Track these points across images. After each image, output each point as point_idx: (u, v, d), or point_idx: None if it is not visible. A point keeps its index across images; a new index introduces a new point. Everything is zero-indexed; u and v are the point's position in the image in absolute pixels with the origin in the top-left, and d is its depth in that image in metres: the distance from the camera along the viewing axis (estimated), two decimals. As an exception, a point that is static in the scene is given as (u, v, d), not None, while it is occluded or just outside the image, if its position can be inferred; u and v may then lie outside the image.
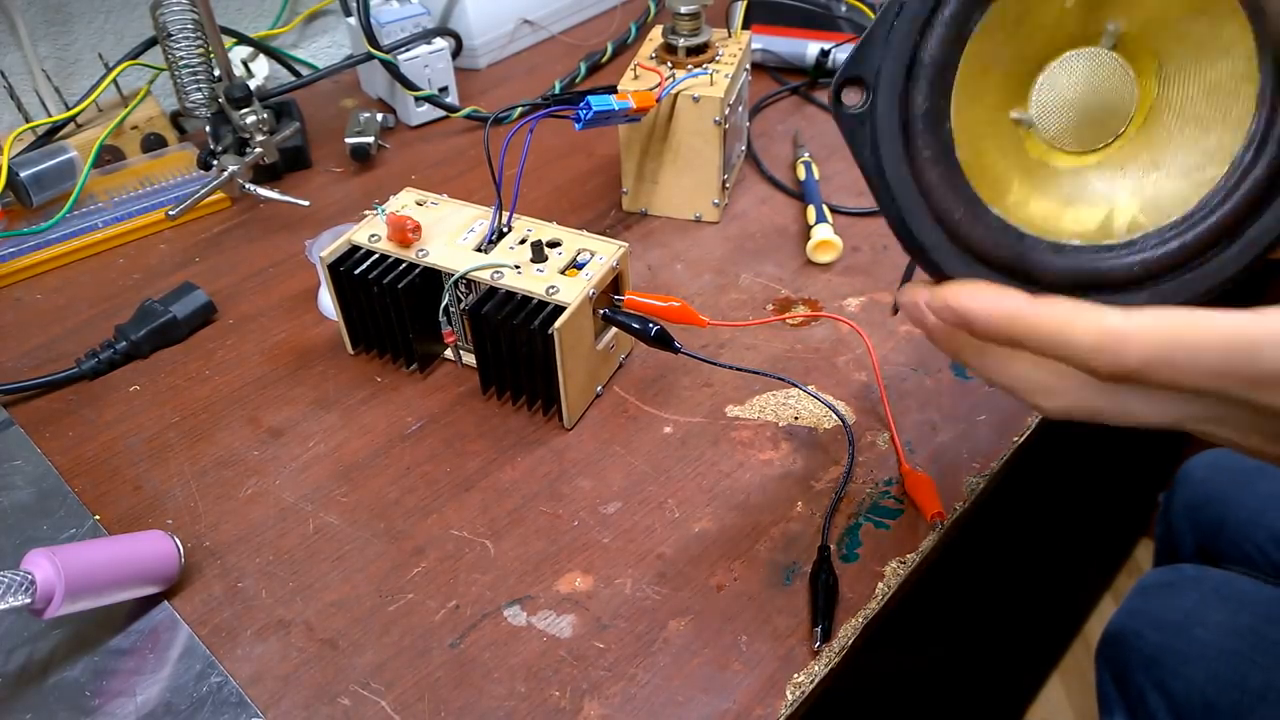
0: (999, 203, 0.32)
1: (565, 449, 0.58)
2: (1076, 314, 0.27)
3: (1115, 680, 0.73)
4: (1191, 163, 0.30)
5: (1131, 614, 0.73)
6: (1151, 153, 0.31)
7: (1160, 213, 0.31)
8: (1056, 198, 0.32)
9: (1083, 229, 0.32)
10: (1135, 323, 0.26)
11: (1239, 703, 0.64)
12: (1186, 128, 0.31)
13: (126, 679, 0.47)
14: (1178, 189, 0.31)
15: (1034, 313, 0.28)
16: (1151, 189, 0.31)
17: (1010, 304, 0.29)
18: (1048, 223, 0.32)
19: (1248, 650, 0.66)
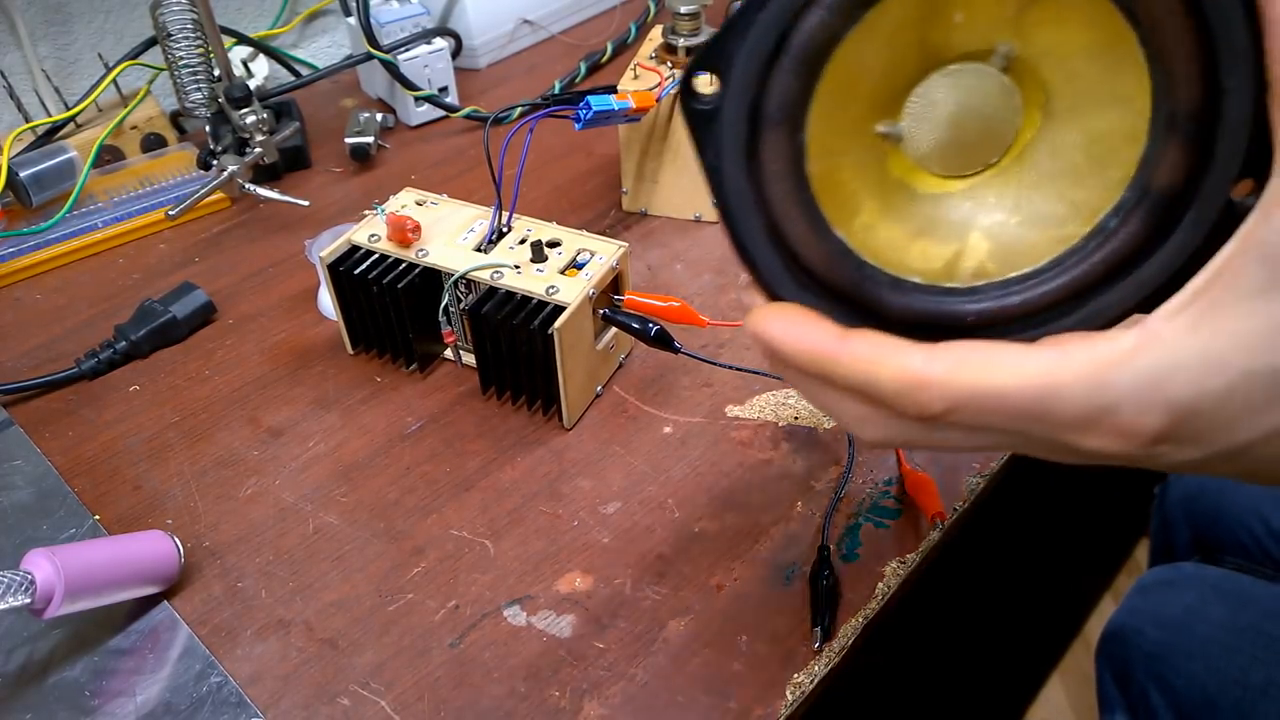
0: (845, 225, 0.29)
1: (565, 449, 0.58)
2: (881, 356, 0.26)
3: (1116, 678, 0.73)
4: (1055, 214, 0.28)
5: (1132, 612, 0.73)
6: (1018, 193, 0.29)
7: (1009, 262, 0.28)
8: (908, 226, 0.29)
9: (927, 266, 0.29)
10: (938, 368, 0.25)
11: (1241, 699, 0.64)
12: (1060, 175, 0.28)
13: (126, 679, 0.47)
14: (1034, 240, 0.28)
15: (839, 351, 0.27)
16: (1008, 234, 0.29)
17: (816, 341, 0.27)
18: (893, 253, 0.29)
19: (1249, 646, 0.66)
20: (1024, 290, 0.28)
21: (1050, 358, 0.25)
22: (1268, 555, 0.76)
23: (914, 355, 0.26)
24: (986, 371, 0.25)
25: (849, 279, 0.28)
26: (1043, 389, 0.24)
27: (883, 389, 0.26)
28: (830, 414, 0.30)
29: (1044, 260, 0.28)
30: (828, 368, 0.27)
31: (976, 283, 0.28)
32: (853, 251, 0.29)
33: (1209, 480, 0.82)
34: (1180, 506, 0.84)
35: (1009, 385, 0.25)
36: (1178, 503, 0.84)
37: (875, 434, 0.29)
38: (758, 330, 0.29)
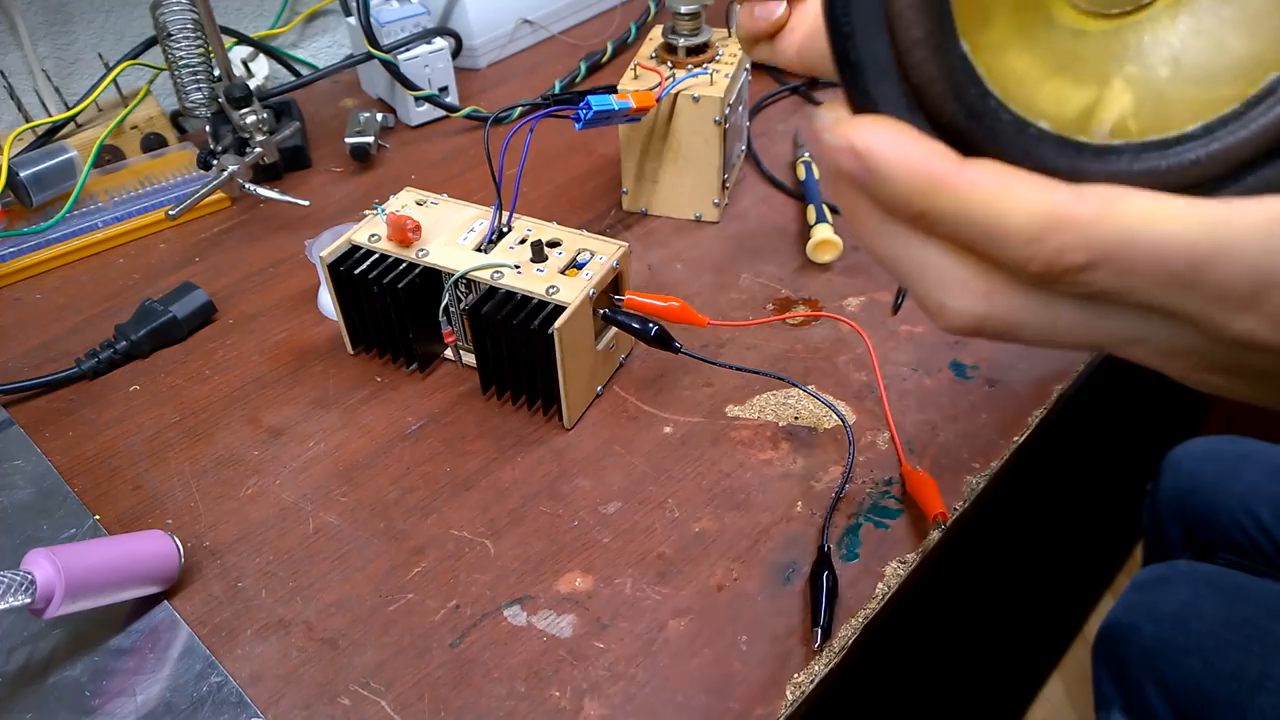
0: (973, 37, 0.24)
1: (565, 449, 0.58)
2: (1014, 187, 0.21)
3: (1113, 675, 0.73)
4: (1215, 68, 0.23)
5: (1127, 609, 0.74)
6: (1172, 40, 0.24)
7: (1155, 120, 0.24)
8: (1045, 57, 0.24)
9: (1059, 112, 0.24)
10: (1089, 206, 0.20)
11: (1237, 692, 0.64)
12: (1226, 22, 0.23)
13: (126, 679, 0.47)
14: (1187, 97, 0.23)
15: (963, 179, 0.21)
16: (1156, 86, 0.24)
17: (934, 163, 0.21)
18: (1021, 87, 0.24)
19: (1244, 640, 0.66)
20: (1169, 156, 0.23)
21: (1219, 210, 0.20)
22: (1259, 550, 0.76)
23: (1058, 189, 0.21)
24: (1145, 217, 0.20)
25: (967, 106, 0.23)
26: (1211, 245, 0.20)
27: (1010, 227, 0.21)
28: (913, 277, 0.24)
29: (1196, 123, 0.23)
30: (941, 198, 0.21)
31: (1114, 141, 0.24)
32: (977, 73, 0.24)
33: (1199, 479, 0.82)
34: (1171, 504, 0.84)
35: (1172, 235, 0.20)
36: (1169, 501, 0.84)
37: (968, 304, 0.23)
38: (853, 138, 0.22)
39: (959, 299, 0.23)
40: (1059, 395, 0.60)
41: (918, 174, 0.22)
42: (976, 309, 0.23)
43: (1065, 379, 0.61)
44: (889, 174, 0.22)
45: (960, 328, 0.24)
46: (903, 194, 0.22)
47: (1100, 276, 0.21)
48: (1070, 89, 0.24)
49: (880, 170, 0.22)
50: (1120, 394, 1.31)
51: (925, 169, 0.21)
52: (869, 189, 0.22)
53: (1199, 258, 0.20)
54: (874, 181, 0.22)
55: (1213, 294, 0.20)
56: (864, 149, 0.22)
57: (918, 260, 0.23)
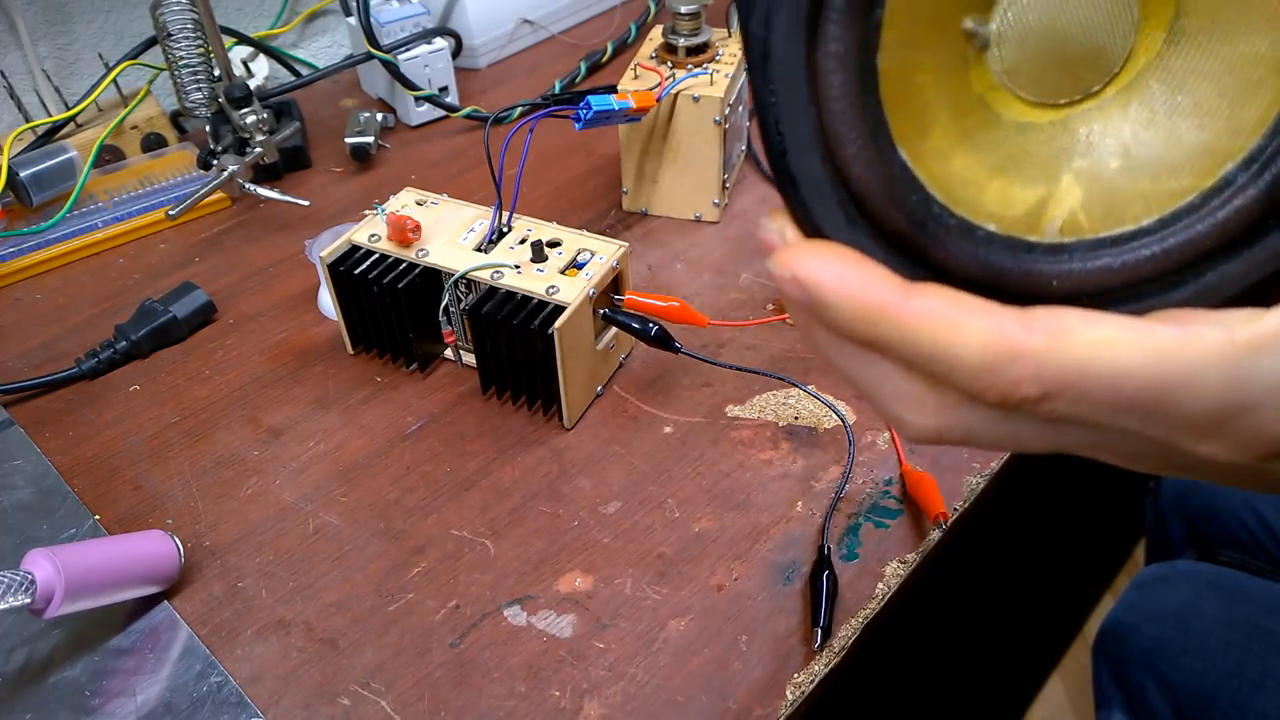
0: (912, 145, 0.23)
1: (565, 449, 0.58)
2: (963, 318, 0.20)
3: (1113, 674, 0.73)
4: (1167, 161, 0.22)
5: (1128, 608, 0.74)
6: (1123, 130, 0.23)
7: (1107, 216, 0.23)
8: (987, 158, 0.23)
9: (1005, 212, 0.23)
10: (1038, 337, 0.20)
11: (1238, 691, 0.64)
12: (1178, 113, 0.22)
13: (126, 679, 0.47)
14: (1138, 191, 0.23)
15: (904, 308, 0.21)
16: (1107, 180, 0.23)
17: (877, 294, 0.21)
18: (965, 191, 0.23)
19: (1244, 640, 0.66)
20: (1123, 253, 0.22)
21: (1176, 336, 0.19)
22: (1261, 548, 0.76)
23: (1006, 319, 0.20)
24: (1100, 346, 0.19)
25: (910, 217, 0.22)
26: (1167, 378, 0.19)
27: (961, 360, 0.20)
28: (870, 392, 0.24)
29: (1149, 218, 0.22)
30: (886, 328, 0.21)
31: (1065, 239, 0.23)
32: (918, 180, 0.23)
33: None
34: (1174, 502, 0.84)
35: (1127, 368, 0.19)
36: (1171, 498, 0.84)
37: (928, 421, 0.23)
38: (795, 269, 0.22)
39: (914, 414, 0.23)
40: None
41: (861, 305, 0.21)
42: (931, 423, 0.23)
43: (1065, 379, 0.61)
44: (833, 305, 0.22)
45: (918, 439, 0.24)
46: (847, 323, 0.22)
47: (1057, 406, 0.20)
48: (1018, 188, 0.23)
49: (824, 301, 0.22)
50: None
51: (868, 300, 0.21)
52: (816, 316, 0.22)
53: (1156, 391, 0.19)
54: (819, 311, 0.22)
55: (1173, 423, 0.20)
56: (807, 279, 0.22)
57: (872, 378, 0.23)
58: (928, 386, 0.22)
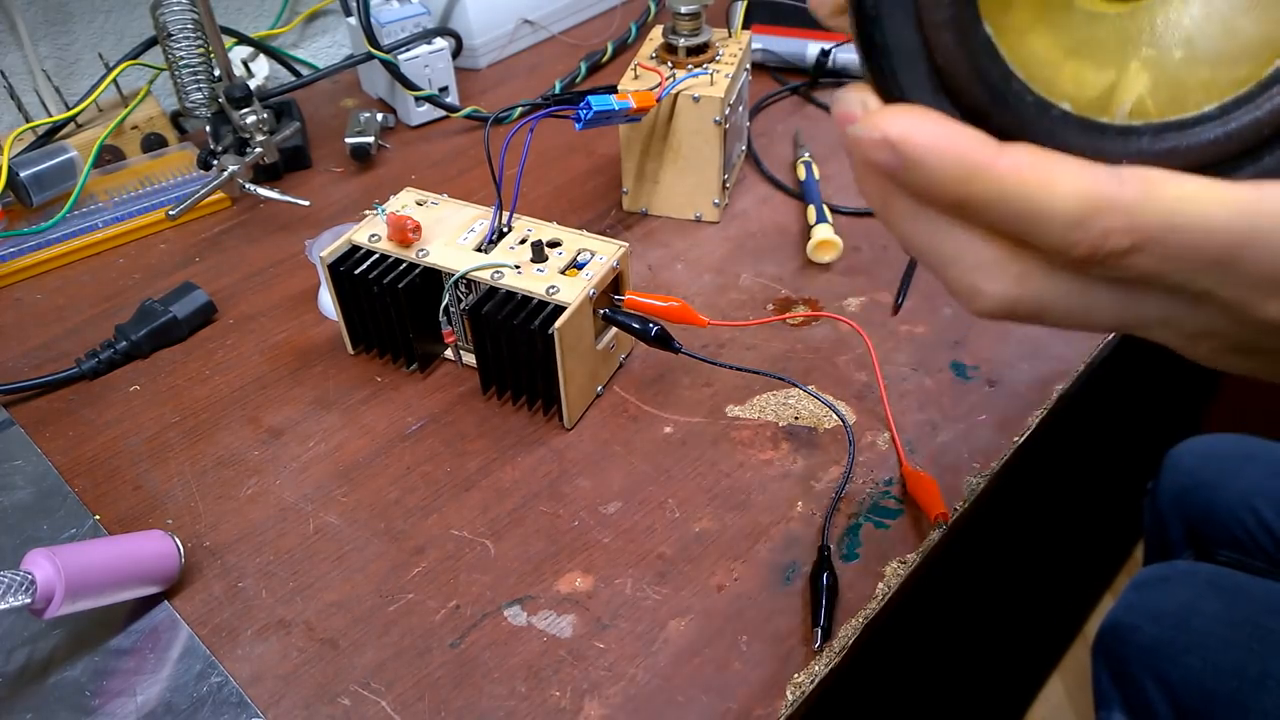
0: (997, 20, 0.24)
1: (565, 449, 0.58)
2: (1055, 170, 0.21)
3: (1113, 674, 0.73)
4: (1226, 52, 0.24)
5: (1128, 608, 0.74)
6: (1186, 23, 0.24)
7: (1171, 102, 0.24)
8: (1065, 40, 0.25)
9: (1079, 93, 0.24)
10: (1132, 189, 0.20)
11: (1238, 690, 0.64)
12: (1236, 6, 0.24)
13: (126, 679, 0.47)
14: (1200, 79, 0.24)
15: (1003, 163, 0.21)
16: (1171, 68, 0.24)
17: (972, 150, 0.21)
18: (1043, 69, 0.24)
19: (1245, 639, 0.66)
20: (1187, 136, 0.23)
21: (1256, 192, 0.20)
22: (1260, 547, 0.77)
23: (1098, 171, 0.20)
24: (1187, 199, 0.20)
25: (991, 91, 0.23)
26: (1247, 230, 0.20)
27: (1055, 211, 0.20)
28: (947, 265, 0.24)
29: (1211, 104, 0.23)
30: (981, 184, 0.21)
31: (1134, 122, 0.24)
32: (1000, 55, 0.24)
33: (1201, 475, 0.82)
34: (1173, 502, 0.84)
35: (1212, 219, 0.20)
36: (1170, 498, 0.84)
37: (1002, 288, 0.23)
38: (886, 128, 0.22)
39: (994, 283, 0.23)
40: (1059, 395, 0.60)
41: (956, 161, 0.21)
42: (1010, 292, 0.23)
43: (1065, 379, 0.61)
44: (927, 163, 0.21)
45: (992, 311, 0.24)
46: (941, 182, 0.21)
47: (1142, 260, 0.20)
48: (1090, 71, 0.24)
49: (918, 160, 0.21)
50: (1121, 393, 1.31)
51: (964, 156, 0.21)
52: (904, 179, 0.22)
53: (1236, 242, 0.20)
54: (911, 172, 0.22)
55: (1246, 278, 0.20)
56: (900, 139, 0.22)
57: (951, 246, 0.23)
58: (1011, 252, 0.22)
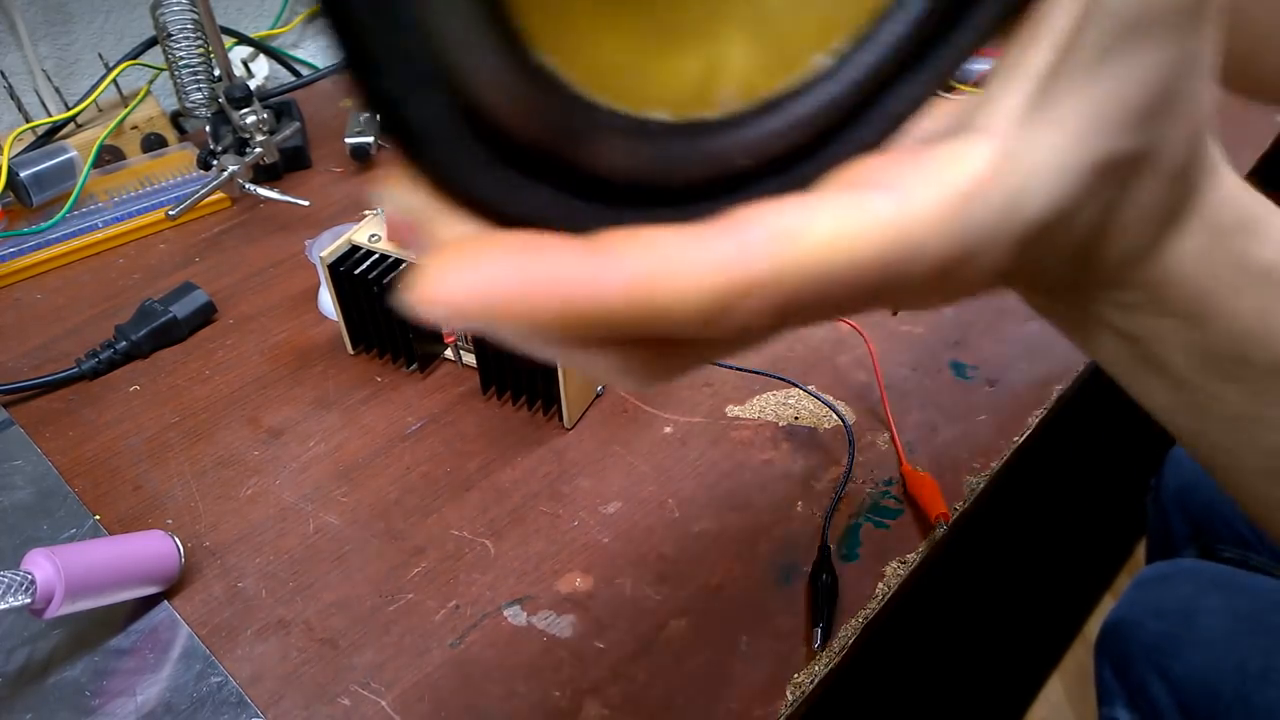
0: (552, 40, 0.17)
1: (565, 449, 0.58)
2: (671, 266, 0.16)
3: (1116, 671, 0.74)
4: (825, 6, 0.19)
5: (1131, 605, 0.74)
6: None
7: (780, 67, 0.19)
8: (641, 33, 0.18)
9: (675, 92, 0.18)
10: (763, 263, 0.16)
11: (1242, 685, 0.64)
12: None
13: (126, 679, 0.47)
14: (808, 27, 0.19)
15: (607, 287, 0.16)
16: (772, 23, 0.19)
17: (562, 282, 0.16)
18: (626, 80, 0.18)
19: (1248, 635, 0.66)
20: (805, 103, 0.18)
21: (896, 209, 0.17)
22: (1264, 544, 0.77)
23: (717, 246, 0.16)
24: (827, 249, 0.17)
25: (567, 134, 0.17)
26: (898, 253, 0.17)
27: (686, 316, 0.16)
28: (603, 378, 0.20)
29: (824, 55, 0.19)
30: (588, 315, 0.16)
31: (744, 105, 0.19)
32: (567, 84, 0.17)
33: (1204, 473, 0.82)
34: (1175, 499, 0.84)
35: (861, 260, 0.17)
36: (1173, 494, 0.85)
37: (671, 375, 0.20)
38: (442, 296, 0.16)
39: (655, 375, 0.19)
40: (1059, 395, 0.60)
41: (550, 306, 0.16)
42: (674, 374, 0.20)
43: (1065, 379, 0.61)
44: (517, 318, 0.16)
45: (674, 380, 0.21)
46: (546, 327, 0.16)
47: (796, 319, 0.18)
48: (681, 58, 0.19)
49: (504, 318, 0.16)
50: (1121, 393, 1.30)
51: (554, 294, 0.16)
52: (500, 332, 0.17)
53: (886, 273, 0.17)
54: (505, 327, 0.17)
55: (906, 288, 0.18)
56: (471, 304, 0.16)
57: (598, 365, 0.19)
58: (652, 348, 0.19)
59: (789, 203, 0.17)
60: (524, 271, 0.16)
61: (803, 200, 0.17)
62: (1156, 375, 0.24)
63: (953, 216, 0.17)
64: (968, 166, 0.17)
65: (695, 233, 0.16)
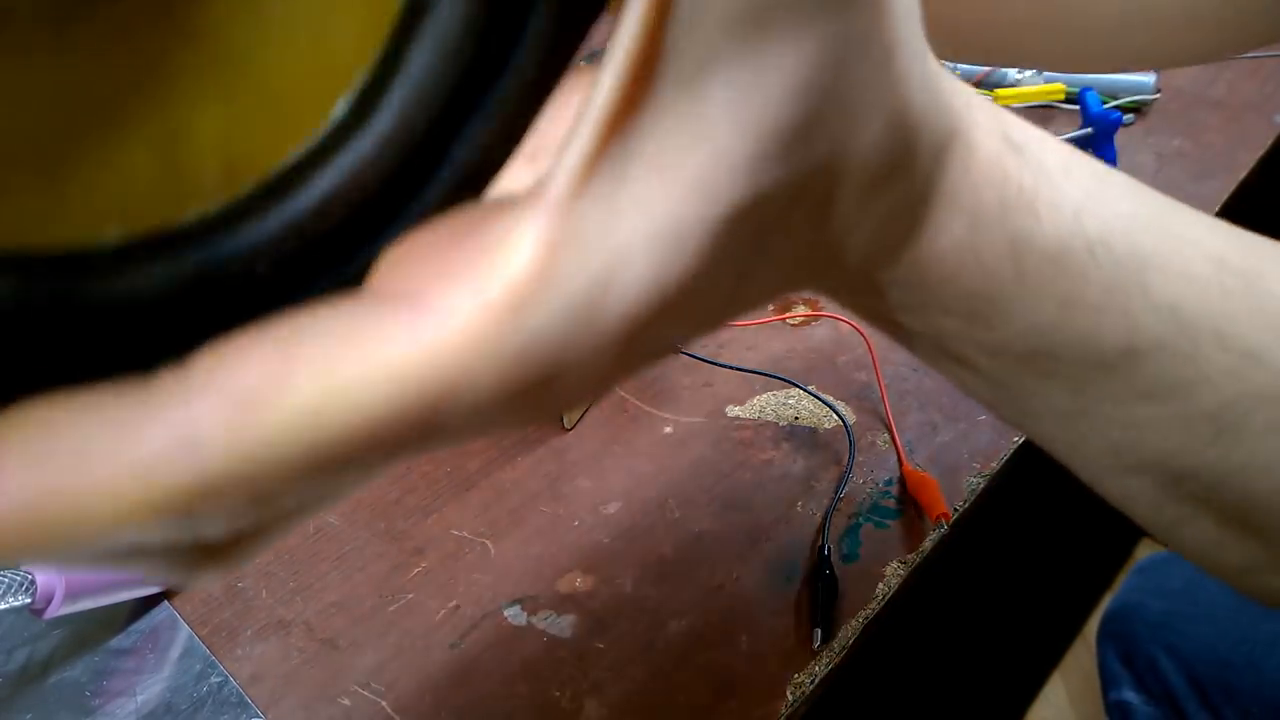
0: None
1: (565, 449, 0.58)
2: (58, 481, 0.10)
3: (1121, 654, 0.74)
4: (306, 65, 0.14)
5: (1133, 589, 0.75)
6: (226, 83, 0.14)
7: (280, 130, 0.14)
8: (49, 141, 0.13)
9: (131, 199, 0.13)
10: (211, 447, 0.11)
11: (1251, 653, 0.64)
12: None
13: (127, 679, 0.47)
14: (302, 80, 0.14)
15: None
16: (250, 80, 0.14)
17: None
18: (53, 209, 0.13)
19: (1254, 606, 0.67)
20: (338, 170, 0.13)
21: (410, 332, 0.11)
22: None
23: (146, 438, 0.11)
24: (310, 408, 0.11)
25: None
26: (430, 394, 0.12)
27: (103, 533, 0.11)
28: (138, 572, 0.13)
29: (343, 102, 0.14)
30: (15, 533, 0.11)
31: (242, 190, 0.13)
32: None
33: None
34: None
35: (374, 412, 0.11)
36: None
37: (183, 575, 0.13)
38: None
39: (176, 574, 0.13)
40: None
41: None
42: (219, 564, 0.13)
43: (1065, 379, 0.61)
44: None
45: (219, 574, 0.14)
46: None
47: (291, 502, 0.12)
48: (127, 151, 0.13)
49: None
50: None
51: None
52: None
53: (422, 421, 0.12)
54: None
55: (459, 426, 0.12)
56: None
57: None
58: None
59: (261, 342, 0.11)
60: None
61: (281, 338, 0.11)
62: (968, 372, 0.20)
63: (497, 337, 0.12)
64: (510, 265, 0.12)
65: (126, 413, 0.11)
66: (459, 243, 0.12)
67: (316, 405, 0.11)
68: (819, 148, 0.14)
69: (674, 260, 0.12)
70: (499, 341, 0.12)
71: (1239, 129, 0.81)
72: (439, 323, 0.12)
